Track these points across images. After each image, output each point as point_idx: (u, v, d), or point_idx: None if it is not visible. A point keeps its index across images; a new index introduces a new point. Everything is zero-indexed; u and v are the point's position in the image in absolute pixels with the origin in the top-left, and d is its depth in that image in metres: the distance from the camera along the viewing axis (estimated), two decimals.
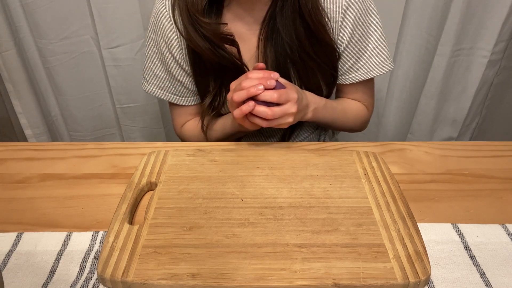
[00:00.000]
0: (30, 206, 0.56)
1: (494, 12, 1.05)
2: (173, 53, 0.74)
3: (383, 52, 0.75)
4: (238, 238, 0.48)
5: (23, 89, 1.11)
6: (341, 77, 0.77)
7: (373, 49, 0.74)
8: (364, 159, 0.63)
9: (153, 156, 0.63)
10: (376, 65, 0.75)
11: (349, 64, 0.75)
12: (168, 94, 0.79)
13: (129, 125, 1.26)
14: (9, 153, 0.67)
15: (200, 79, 0.75)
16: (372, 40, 0.74)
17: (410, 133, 1.31)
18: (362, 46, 0.74)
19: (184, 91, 0.78)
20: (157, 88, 0.79)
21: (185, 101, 0.80)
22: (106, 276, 0.44)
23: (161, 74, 0.77)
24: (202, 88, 0.76)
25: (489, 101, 1.22)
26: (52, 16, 1.04)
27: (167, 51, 0.74)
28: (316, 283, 0.43)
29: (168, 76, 0.77)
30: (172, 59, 0.74)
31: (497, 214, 0.54)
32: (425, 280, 0.44)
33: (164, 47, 0.73)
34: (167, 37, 0.72)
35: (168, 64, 0.75)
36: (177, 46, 0.73)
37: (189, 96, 0.80)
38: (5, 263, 0.47)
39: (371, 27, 0.73)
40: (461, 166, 0.64)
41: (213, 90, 0.75)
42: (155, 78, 0.78)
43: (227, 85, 0.73)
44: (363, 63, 0.75)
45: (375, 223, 0.50)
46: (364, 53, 0.74)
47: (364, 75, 0.76)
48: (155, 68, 0.77)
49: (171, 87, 0.78)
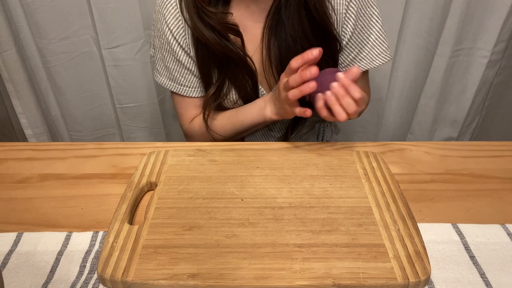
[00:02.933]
0: (30, 206, 0.56)
1: (494, 12, 1.05)
2: (179, 41, 0.74)
3: (383, 42, 0.76)
4: (238, 238, 0.48)
5: (23, 89, 1.11)
6: (344, 68, 0.78)
7: (375, 39, 0.75)
8: (364, 159, 0.63)
9: (153, 156, 0.63)
10: (378, 55, 0.76)
11: (352, 56, 0.76)
12: (177, 86, 0.79)
13: (129, 125, 1.26)
14: (9, 153, 0.67)
15: (204, 69, 0.76)
16: (374, 31, 0.75)
17: (410, 133, 1.31)
18: (364, 37, 0.75)
19: (193, 79, 0.78)
20: (168, 80, 0.80)
21: (193, 92, 0.80)
22: (106, 276, 0.44)
23: (170, 65, 0.78)
24: (206, 79, 0.77)
25: (489, 101, 1.22)
26: (52, 16, 1.04)
27: (173, 39, 0.74)
28: (316, 283, 0.43)
29: (177, 66, 0.77)
30: (179, 47, 0.75)
31: (497, 214, 0.54)
32: (425, 280, 0.44)
33: (170, 35, 0.74)
34: (172, 25, 0.73)
35: (175, 52, 0.75)
36: (182, 33, 0.73)
37: (197, 86, 0.79)
38: (5, 263, 0.47)
39: (372, 18, 0.74)
40: (461, 166, 0.64)
41: (216, 80, 0.75)
42: (165, 70, 0.79)
43: (231, 76, 0.74)
44: (365, 54, 0.76)
45: (375, 223, 0.50)
46: (366, 43, 0.75)
47: (366, 65, 0.77)
48: (164, 60, 0.78)
49: (180, 78, 0.78)
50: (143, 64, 1.13)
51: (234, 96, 0.77)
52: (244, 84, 0.75)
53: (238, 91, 0.76)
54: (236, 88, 0.76)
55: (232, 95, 0.77)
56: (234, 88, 0.76)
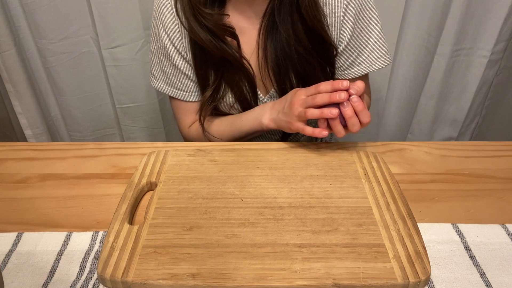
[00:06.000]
0: (30, 206, 0.56)
1: (494, 12, 1.05)
2: (175, 45, 0.74)
3: (383, 46, 0.76)
4: (238, 238, 0.48)
5: (23, 89, 1.11)
6: (343, 72, 0.78)
7: (374, 43, 0.75)
8: (364, 159, 0.63)
9: (153, 156, 0.63)
10: (377, 58, 0.76)
11: (351, 59, 0.76)
12: (174, 90, 0.79)
13: (129, 125, 1.26)
14: (9, 153, 0.67)
15: (201, 72, 0.76)
16: (373, 35, 0.74)
17: (410, 133, 1.31)
18: (363, 40, 0.75)
19: (189, 84, 0.78)
20: (164, 84, 0.79)
21: (191, 96, 0.79)
22: (106, 276, 0.44)
23: (167, 69, 0.78)
24: (203, 81, 0.77)
25: (489, 101, 1.22)
26: (52, 16, 1.04)
27: (169, 43, 0.74)
28: (316, 283, 0.43)
29: (174, 71, 0.77)
30: (175, 51, 0.75)
31: (497, 214, 0.54)
32: (425, 280, 0.44)
33: (166, 39, 0.74)
34: (169, 29, 0.73)
35: (171, 57, 0.75)
36: (178, 37, 0.73)
37: (195, 91, 0.79)
38: (5, 263, 0.47)
39: (372, 22, 0.74)
40: (461, 166, 0.64)
41: (213, 83, 0.75)
42: (161, 74, 0.79)
43: (227, 78, 0.73)
44: (364, 57, 0.76)
45: (375, 223, 0.50)
46: (365, 47, 0.75)
47: (366, 69, 0.77)
48: (161, 64, 0.78)
49: (177, 82, 0.78)
50: (143, 64, 1.13)
51: (231, 99, 0.76)
52: (240, 87, 0.75)
53: (234, 94, 0.76)
54: (233, 90, 0.75)
55: (229, 98, 0.76)
56: (230, 90, 0.75)
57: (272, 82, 0.75)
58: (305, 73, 0.73)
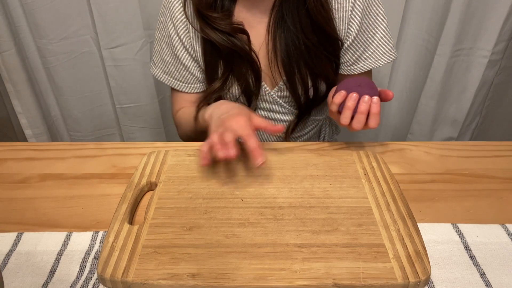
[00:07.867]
0: (30, 206, 0.56)
1: (494, 12, 1.05)
2: (181, 36, 0.75)
3: (389, 42, 0.76)
4: (238, 238, 0.48)
5: (23, 89, 1.10)
6: (349, 68, 0.78)
7: (380, 38, 0.75)
8: (364, 159, 0.63)
9: (153, 156, 0.63)
10: (383, 54, 0.76)
11: (357, 54, 0.76)
12: (171, 80, 0.80)
13: (129, 125, 1.26)
14: (9, 153, 0.67)
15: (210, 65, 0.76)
16: (380, 30, 0.75)
17: (410, 133, 1.31)
18: (370, 35, 0.75)
19: (188, 76, 0.79)
20: (162, 73, 0.80)
21: (187, 88, 0.80)
22: (106, 276, 0.44)
23: (167, 58, 0.78)
24: (211, 74, 0.77)
25: (489, 101, 1.22)
26: (52, 16, 1.04)
27: (175, 33, 0.75)
28: (316, 283, 0.43)
29: (174, 60, 0.78)
30: (179, 42, 0.75)
31: (497, 214, 0.54)
32: (425, 280, 0.44)
33: (172, 29, 0.75)
34: (176, 19, 0.74)
35: (174, 46, 0.76)
36: (185, 29, 0.74)
37: (191, 83, 0.80)
38: (5, 263, 0.47)
39: (378, 17, 0.74)
40: (461, 166, 0.64)
41: (222, 75, 0.76)
42: (161, 62, 0.80)
43: (235, 70, 0.74)
44: (370, 53, 0.76)
45: (375, 223, 0.50)
46: (372, 42, 0.75)
47: (371, 65, 0.77)
48: (162, 52, 0.79)
49: (176, 72, 0.79)
50: (143, 64, 1.13)
51: (236, 91, 0.77)
52: (247, 79, 0.76)
53: (240, 85, 0.76)
54: (239, 82, 0.76)
55: (234, 89, 0.77)
56: (237, 82, 0.76)
57: (281, 75, 0.75)
58: (314, 65, 0.74)
